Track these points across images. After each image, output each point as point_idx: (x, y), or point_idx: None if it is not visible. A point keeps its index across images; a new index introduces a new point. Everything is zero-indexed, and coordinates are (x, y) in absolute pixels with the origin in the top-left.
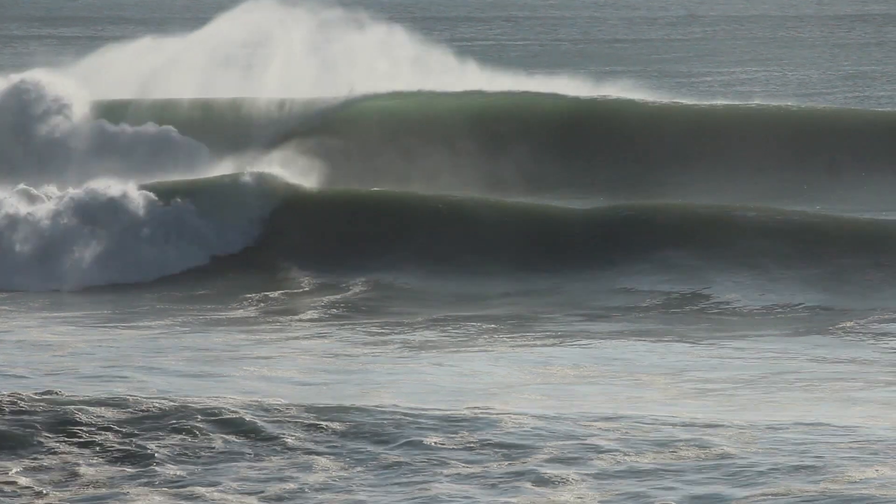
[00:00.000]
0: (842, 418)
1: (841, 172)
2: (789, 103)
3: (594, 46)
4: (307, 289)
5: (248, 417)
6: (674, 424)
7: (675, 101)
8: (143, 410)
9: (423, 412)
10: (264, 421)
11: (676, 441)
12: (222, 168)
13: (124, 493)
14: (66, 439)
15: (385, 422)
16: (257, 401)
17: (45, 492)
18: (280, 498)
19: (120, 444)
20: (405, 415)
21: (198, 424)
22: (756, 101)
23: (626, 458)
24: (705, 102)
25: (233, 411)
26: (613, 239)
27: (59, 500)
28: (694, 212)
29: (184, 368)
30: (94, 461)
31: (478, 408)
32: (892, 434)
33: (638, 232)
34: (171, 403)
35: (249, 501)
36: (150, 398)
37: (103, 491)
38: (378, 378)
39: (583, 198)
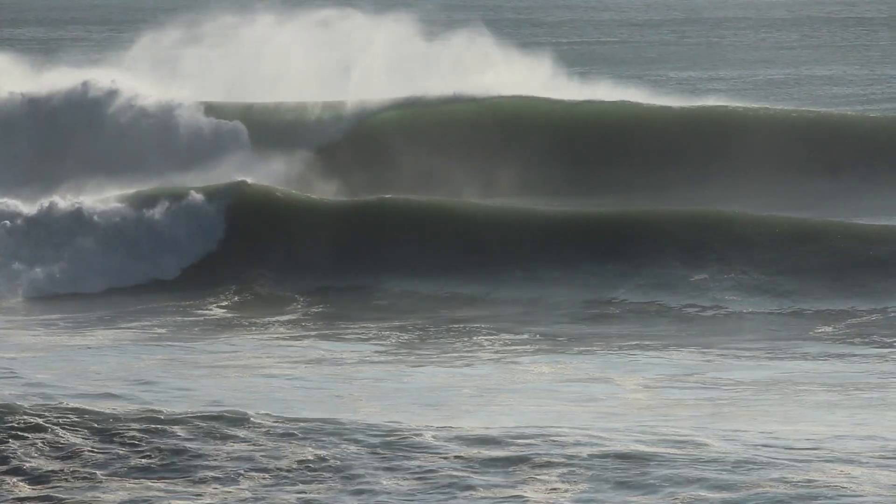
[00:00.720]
0: (828, 425)
1: (843, 176)
2: (789, 107)
3: (565, 49)
4: (280, 297)
5: (218, 425)
6: (643, 433)
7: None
8: (109, 416)
9: (389, 423)
10: (236, 427)
11: (644, 449)
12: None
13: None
14: (35, 441)
15: (355, 430)
16: (229, 410)
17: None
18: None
19: (89, 448)
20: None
21: (168, 430)
22: (758, 105)
23: (593, 462)
24: (715, 104)
25: (207, 418)
26: (604, 243)
27: (38, 494)
28: (687, 216)
29: (155, 376)
30: (64, 460)
31: (448, 416)
32: (862, 443)
33: (630, 237)
34: (142, 410)
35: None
36: (118, 405)
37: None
38: (351, 384)
39: (583, 201)
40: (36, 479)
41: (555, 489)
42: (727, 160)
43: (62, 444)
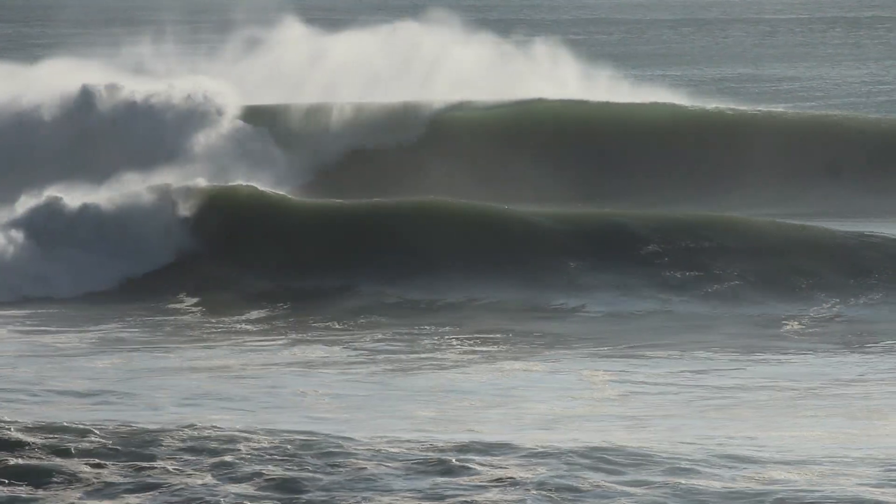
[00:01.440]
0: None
1: (842, 178)
2: (784, 110)
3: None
4: (253, 299)
5: (183, 424)
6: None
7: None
8: (75, 418)
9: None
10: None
11: (608, 446)
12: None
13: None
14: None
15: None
16: (197, 412)
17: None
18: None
19: (52, 445)
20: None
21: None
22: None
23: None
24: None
25: (176, 421)
26: (582, 245)
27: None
28: (667, 218)
29: (125, 377)
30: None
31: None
32: (827, 448)
33: (607, 240)
34: (110, 410)
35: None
36: (86, 406)
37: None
38: (319, 386)
39: (577, 204)
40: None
41: (517, 477)
42: (723, 162)
43: (27, 439)
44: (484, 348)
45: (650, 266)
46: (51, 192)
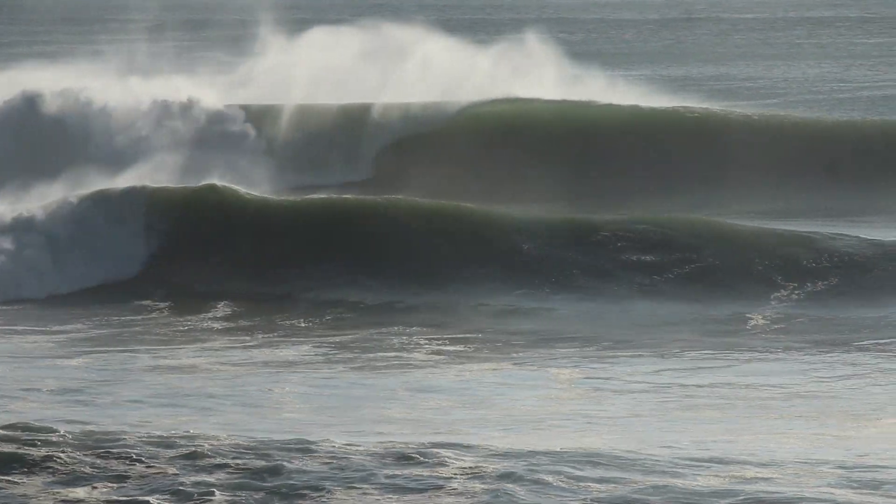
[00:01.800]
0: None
1: (841, 178)
2: (781, 112)
3: None
4: (222, 299)
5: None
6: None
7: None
8: (35, 417)
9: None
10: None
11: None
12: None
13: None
14: None
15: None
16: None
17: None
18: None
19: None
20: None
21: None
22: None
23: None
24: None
25: (138, 423)
26: (550, 248)
27: None
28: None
29: (91, 377)
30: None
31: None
32: (789, 451)
33: (573, 242)
34: (71, 410)
35: None
36: (46, 406)
37: None
38: (282, 389)
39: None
40: None
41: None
42: (712, 164)
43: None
44: (453, 348)
45: (620, 266)
46: (20, 193)
